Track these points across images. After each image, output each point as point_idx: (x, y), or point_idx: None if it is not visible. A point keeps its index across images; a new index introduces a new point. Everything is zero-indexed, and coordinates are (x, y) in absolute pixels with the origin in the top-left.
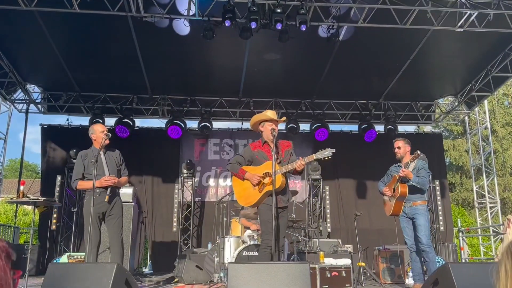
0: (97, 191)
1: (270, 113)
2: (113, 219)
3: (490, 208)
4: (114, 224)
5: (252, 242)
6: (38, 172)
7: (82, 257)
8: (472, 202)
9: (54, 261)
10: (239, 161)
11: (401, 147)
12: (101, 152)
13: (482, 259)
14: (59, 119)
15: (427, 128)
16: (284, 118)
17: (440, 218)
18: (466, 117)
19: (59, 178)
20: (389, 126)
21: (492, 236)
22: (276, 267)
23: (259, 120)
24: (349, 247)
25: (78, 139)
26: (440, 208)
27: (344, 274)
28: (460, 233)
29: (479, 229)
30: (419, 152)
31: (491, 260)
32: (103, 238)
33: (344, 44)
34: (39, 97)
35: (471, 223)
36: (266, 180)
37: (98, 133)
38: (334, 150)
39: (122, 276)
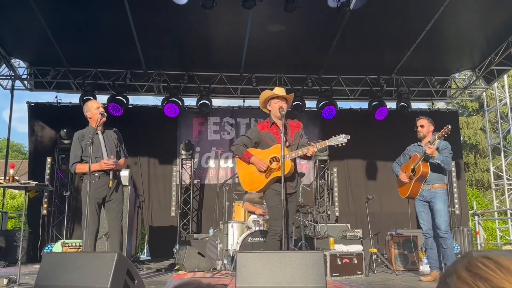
0: (96, 174)
1: (277, 90)
2: (113, 204)
3: (508, 190)
4: (114, 210)
5: (257, 228)
6: (24, 153)
7: (78, 244)
8: (487, 183)
9: (46, 247)
10: (245, 143)
11: (425, 126)
12: (99, 132)
13: (499, 243)
14: (47, 96)
15: (440, 105)
16: (292, 94)
17: (456, 201)
18: (484, 93)
19: (49, 159)
20: (401, 103)
21: (510, 220)
22: (288, 256)
23: (266, 97)
24: (358, 232)
25: (68, 117)
26: (455, 190)
27: (356, 261)
28: (476, 217)
29: (495, 212)
30: (449, 127)
31: (509, 245)
32: (100, 224)
33: (355, 14)
34: (25, 72)
35: (485, 205)
36: (274, 165)
37: (93, 110)
38: (349, 137)
39: (123, 266)
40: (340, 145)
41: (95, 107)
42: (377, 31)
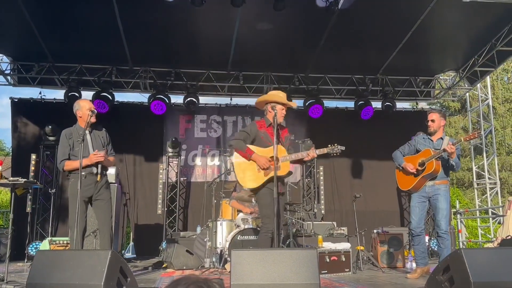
0: (83, 173)
1: (283, 95)
2: (101, 202)
3: (490, 189)
4: (103, 208)
5: (246, 226)
6: (3, 149)
7: (65, 242)
8: (468, 182)
9: (31, 245)
10: (245, 138)
11: (436, 120)
12: (87, 131)
13: (480, 242)
14: (30, 92)
15: (423, 104)
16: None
17: None
18: (467, 94)
19: (33, 156)
20: (386, 103)
21: (491, 218)
22: (283, 253)
23: (272, 100)
24: (344, 230)
25: (53, 114)
26: None
27: (343, 259)
28: (458, 215)
29: (477, 211)
30: (481, 132)
31: (490, 243)
32: (88, 222)
33: (343, 13)
34: (8, 68)
35: (466, 204)
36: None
37: (85, 110)
38: (343, 148)
39: (116, 264)
40: (334, 154)
41: (87, 108)
42: (363, 32)
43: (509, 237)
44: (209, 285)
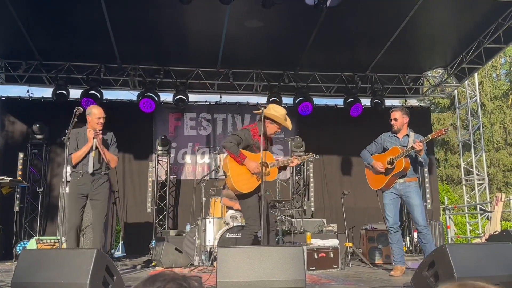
0: (80, 172)
1: (281, 116)
2: (96, 202)
3: (478, 185)
4: (97, 208)
5: (235, 224)
6: None
7: (53, 241)
8: (457, 178)
9: (19, 244)
10: (238, 143)
11: (398, 119)
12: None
13: (468, 237)
14: (18, 90)
15: (412, 102)
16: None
17: (428, 196)
18: (455, 91)
19: (21, 155)
20: (375, 100)
21: (479, 214)
22: (269, 250)
23: (270, 117)
24: (333, 227)
25: (41, 112)
26: (427, 185)
27: (332, 255)
28: (447, 211)
29: (466, 207)
30: (448, 129)
31: (478, 239)
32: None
33: (332, 11)
34: None
35: (455, 200)
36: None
37: (94, 118)
38: (318, 156)
39: (102, 262)
40: (311, 161)
41: (97, 117)
42: (352, 29)
43: (497, 232)
44: (188, 282)
